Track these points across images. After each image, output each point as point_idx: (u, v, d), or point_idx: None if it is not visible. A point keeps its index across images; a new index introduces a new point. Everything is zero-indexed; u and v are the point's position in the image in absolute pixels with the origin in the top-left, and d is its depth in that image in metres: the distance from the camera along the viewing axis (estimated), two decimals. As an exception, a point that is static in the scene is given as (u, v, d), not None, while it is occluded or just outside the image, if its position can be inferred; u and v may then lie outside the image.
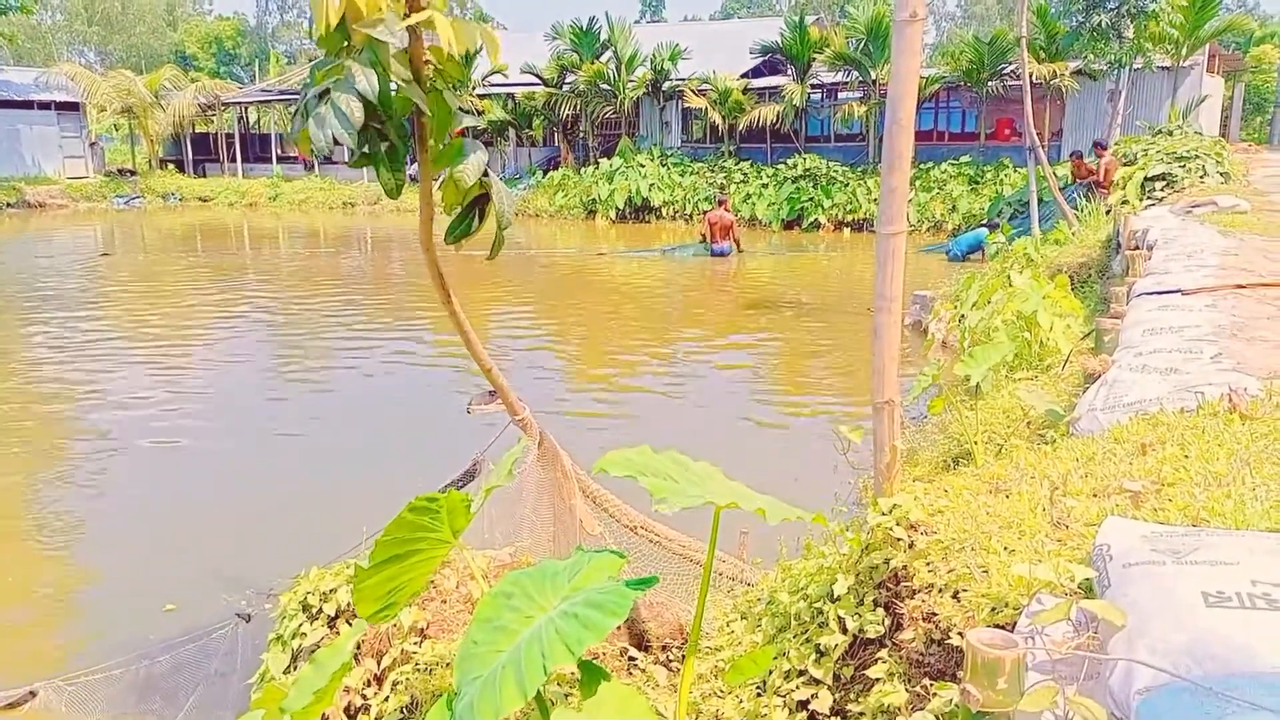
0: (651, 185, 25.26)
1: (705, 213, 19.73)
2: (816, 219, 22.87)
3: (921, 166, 22.55)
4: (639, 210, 25.25)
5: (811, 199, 23.40)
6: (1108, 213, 11.17)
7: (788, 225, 23.24)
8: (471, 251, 3.35)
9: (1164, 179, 12.37)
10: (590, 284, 15.00)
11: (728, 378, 9.09)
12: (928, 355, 8.08)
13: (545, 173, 28.54)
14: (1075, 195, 14.31)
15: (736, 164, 25.59)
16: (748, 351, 10.20)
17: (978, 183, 22.11)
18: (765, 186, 24.29)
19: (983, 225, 17.29)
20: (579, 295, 13.89)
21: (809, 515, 2.54)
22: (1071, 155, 16.43)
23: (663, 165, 26.12)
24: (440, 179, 3.28)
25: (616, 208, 25.23)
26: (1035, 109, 14.04)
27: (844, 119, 25.13)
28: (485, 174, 3.21)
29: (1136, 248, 7.12)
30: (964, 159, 22.86)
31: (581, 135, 29.76)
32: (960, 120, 27.17)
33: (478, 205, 3.44)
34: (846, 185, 23.31)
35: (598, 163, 26.86)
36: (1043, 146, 15.08)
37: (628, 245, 19.95)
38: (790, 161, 24.44)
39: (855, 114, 24.01)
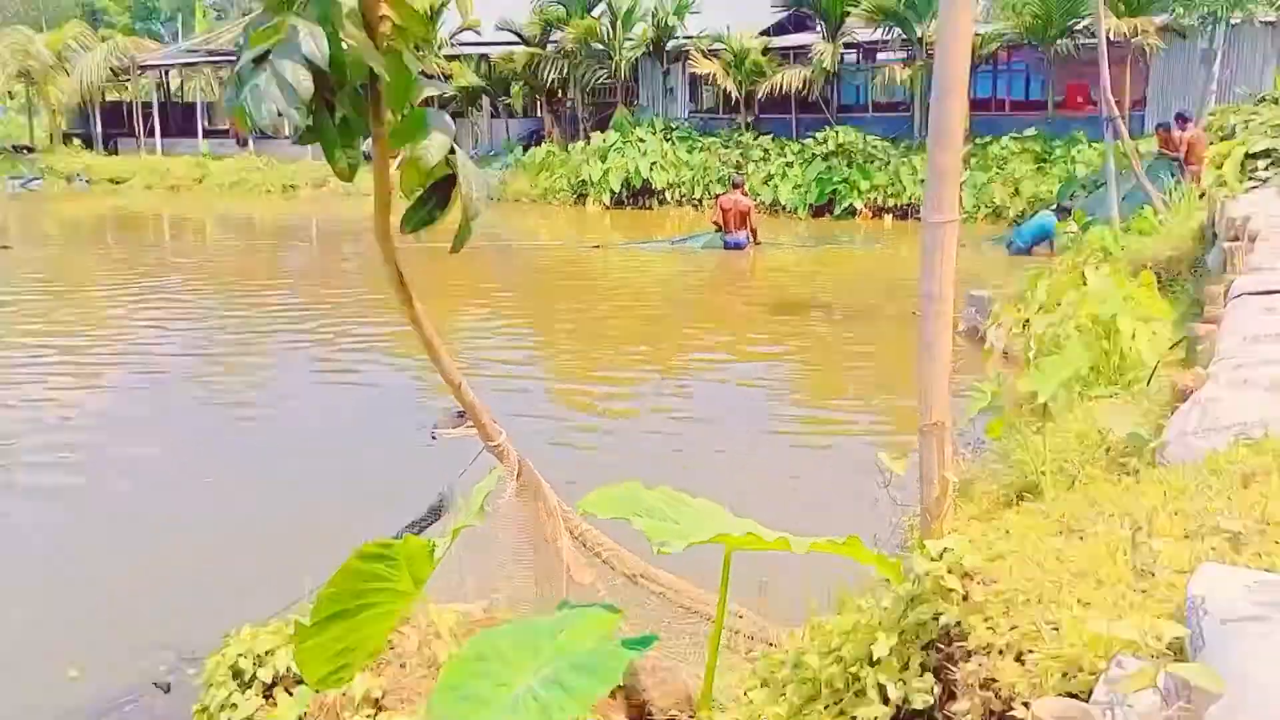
0: (653, 165, 25.51)
1: (718, 197, 19.87)
2: (851, 204, 23.13)
3: (978, 142, 22.77)
4: (638, 194, 25.60)
5: (845, 180, 23.61)
6: (1201, 196, 11.07)
7: (817, 212, 23.48)
8: (437, 244, 3.36)
9: (1269, 156, 12.38)
10: (580, 283, 15.18)
11: (745, 396, 9.19)
12: (985, 368, 8.10)
13: (526, 150, 28.85)
14: (1162, 175, 14.21)
15: (755, 139, 25.83)
16: (769, 365, 10.32)
17: (1045, 161, 22.33)
18: (790, 166, 24.57)
19: (1051, 211, 17.57)
20: (567, 297, 14.01)
21: (840, 542, 2.74)
22: (1158, 128, 16.75)
23: (667, 140, 26.43)
24: (400, 158, 3.32)
25: (611, 191, 25.51)
26: (1114, 72, 13.97)
27: (884, 85, 25.35)
28: (452, 151, 3.23)
29: (1236, 238, 7.19)
30: (1029, 132, 23.02)
31: (569, 105, 30.03)
32: (1024, 86, 27.42)
33: (443, 189, 3.46)
34: (887, 164, 23.57)
35: (589, 138, 27.14)
36: (1123, 117, 14.92)
37: (626, 236, 20.20)
38: (820, 136, 24.62)
39: (898, 79, 24.35)
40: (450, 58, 28.36)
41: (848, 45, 24.99)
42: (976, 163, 22.30)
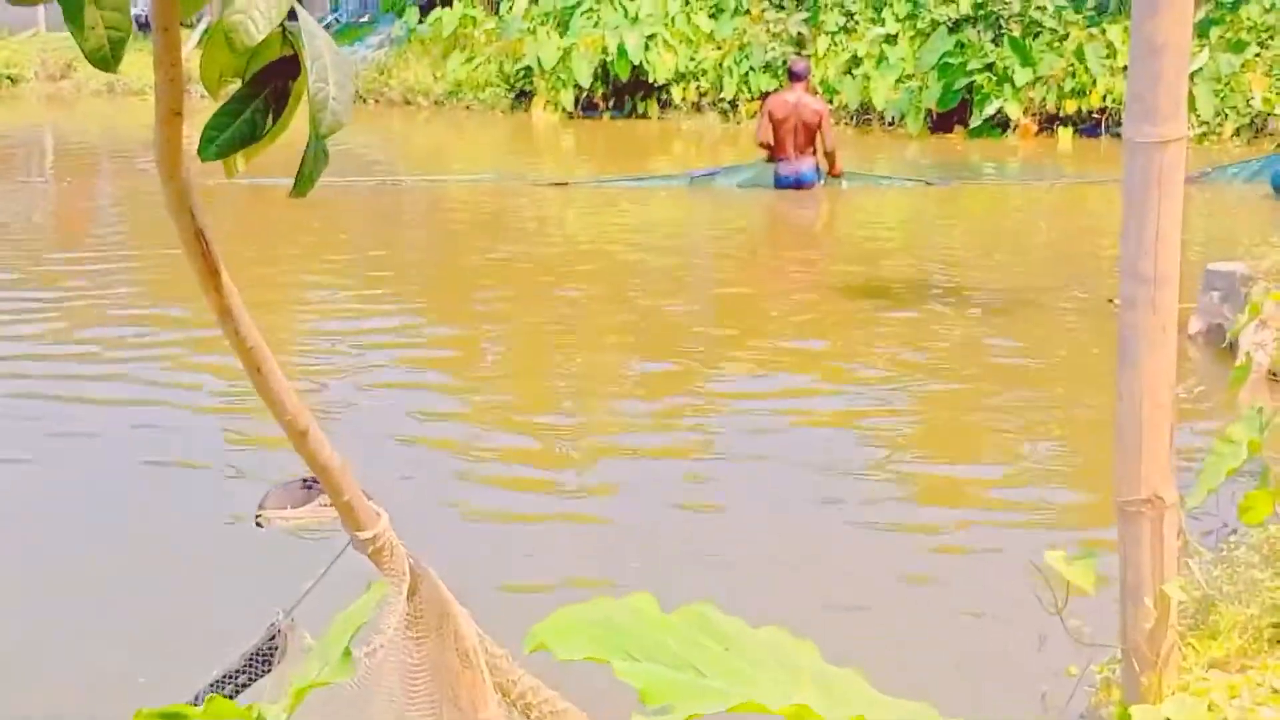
0: (650, 39, 22.07)
1: (765, 98, 17.50)
2: (1001, 109, 20.06)
3: (1220, 1, 20.30)
4: (624, 92, 22.37)
5: (989, 68, 20.36)
6: None
7: (940, 123, 20.54)
8: (270, 180, 2.08)
9: None
10: (526, 249, 13.47)
11: (810, 445, 7.84)
12: (1238, 399, 7.09)
13: (425, 13, 25.52)
14: None
15: None
16: (852, 395, 8.86)
17: None
18: (891, 42, 21.36)
19: None
20: (502, 274, 12.34)
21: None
22: None
23: None
24: (200, 29, 2.27)
25: (578, 87, 22.17)
26: None
27: None
28: (292, 16, 2.64)
29: None
30: None
31: None
32: None
33: (276, 83, 2.83)
34: (1063, 39, 20.46)
35: None
36: None
37: (605, 167, 17.93)
38: None
39: None
40: None
41: None
42: (1219, 38, 19.51)
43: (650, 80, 21.68)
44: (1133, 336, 2.76)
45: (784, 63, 18.89)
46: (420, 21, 24.37)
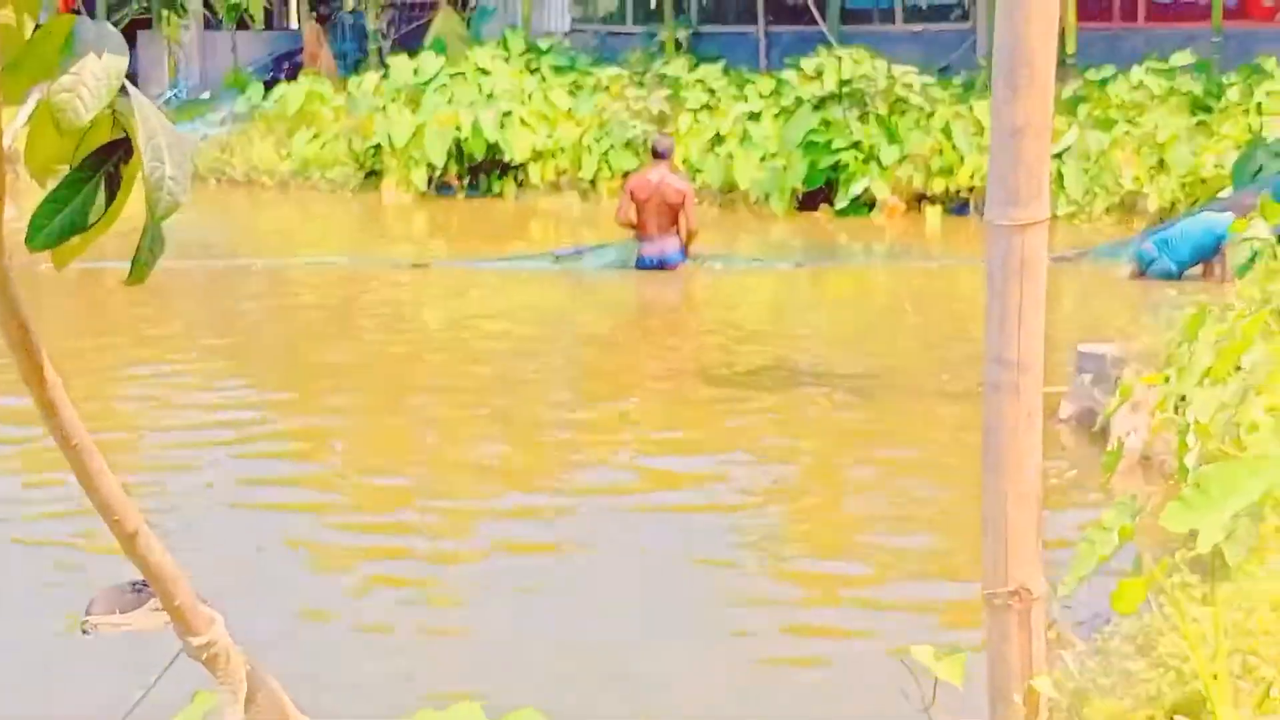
0: (506, 116, 22.08)
1: (626, 177, 17.67)
2: (867, 188, 20.22)
3: (1088, 77, 20.90)
4: (479, 170, 22.34)
5: (855, 146, 20.55)
6: None
7: (806, 202, 20.65)
8: (102, 264, 2.10)
9: None
10: (378, 336, 13.34)
11: (673, 536, 7.88)
12: (1109, 485, 7.27)
13: (269, 88, 25.34)
14: None
15: (692, 69, 23.05)
16: (714, 487, 8.86)
17: (1209, 110, 19.95)
18: (755, 119, 21.50)
19: (1220, 202, 15.91)
20: (351, 363, 12.18)
21: None
22: None
23: (531, 71, 23.39)
24: (25, 107, 2.67)
25: (430, 166, 22.09)
26: None
27: None
28: (125, 93, 2.55)
29: None
30: (1180, 59, 20.79)
31: (351, 8, 27.29)
32: None
33: (106, 165, 2.73)
34: (930, 117, 20.77)
35: (386, 66, 24.05)
36: None
37: (461, 249, 17.96)
38: (809, 64, 21.86)
39: None
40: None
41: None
42: (1087, 115, 19.92)
43: (506, 159, 21.60)
44: (997, 423, 2.78)
45: (645, 141, 18.96)
46: (265, 98, 24.17)
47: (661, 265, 15.17)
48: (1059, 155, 18.89)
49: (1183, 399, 6.59)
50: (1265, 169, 17.13)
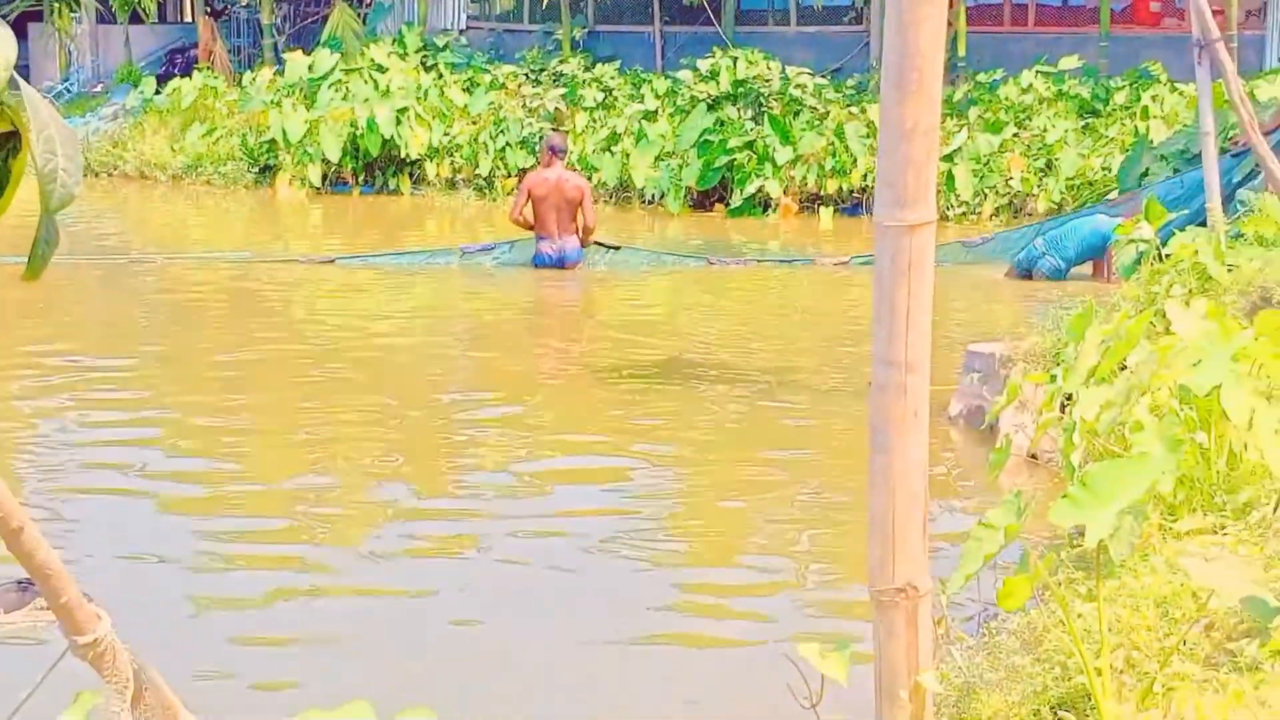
0: (402, 113, 21.87)
1: (523, 175, 17.77)
2: (762, 188, 20.21)
3: (979, 80, 21.17)
4: (374, 167, 22.17)
5: (749, 146, 20.55)
6: None
7: (701, 201, 20.69)
8: None
9: None
10: (274, 335, 13.11)
11: (574, 542, 7.80)
12: (997, 483, 7.35)
13: (162, 83, 24.94)
14: None
15: (588, 67, 23.10)
16: (619, 484, 8.82)
17: (1096, 115, 20.21)
18: (651, 119, 21.50)
19: (1107, 204, 16.19)
20: (247, 359, 12.00)
21: None
22: None
23: (427, 69, 23.25)
24: None
25: (325, 162, 21.86)
26: None
27: None
28: (12, 86, 2.54)
29: None
30: (1068, 63, 21.03)
31: (244, 4, 26.79)
32: None
33: None
34: (824, 118, 20.85)
35: (281, 61, 23.88)
36: (1228, 40, 12.92)
37: (352, 242, 17.77)
38: (705, 65, 22.00)
39: None
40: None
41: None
42: (977, 118, 20.16)
43: (402, 155, 21.41)
44: (884, 422, 2.79)
45: (542, 137, 18.60)
46: (157, 92, 23.85)
47: (561, 263, 15.07)
48: (949, 157, 19.05)
49: (1069, 398, 6.66)
50: (1151, 172, 17.31)
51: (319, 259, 16.05)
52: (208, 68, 24.36)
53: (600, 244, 15.86)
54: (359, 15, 24.06)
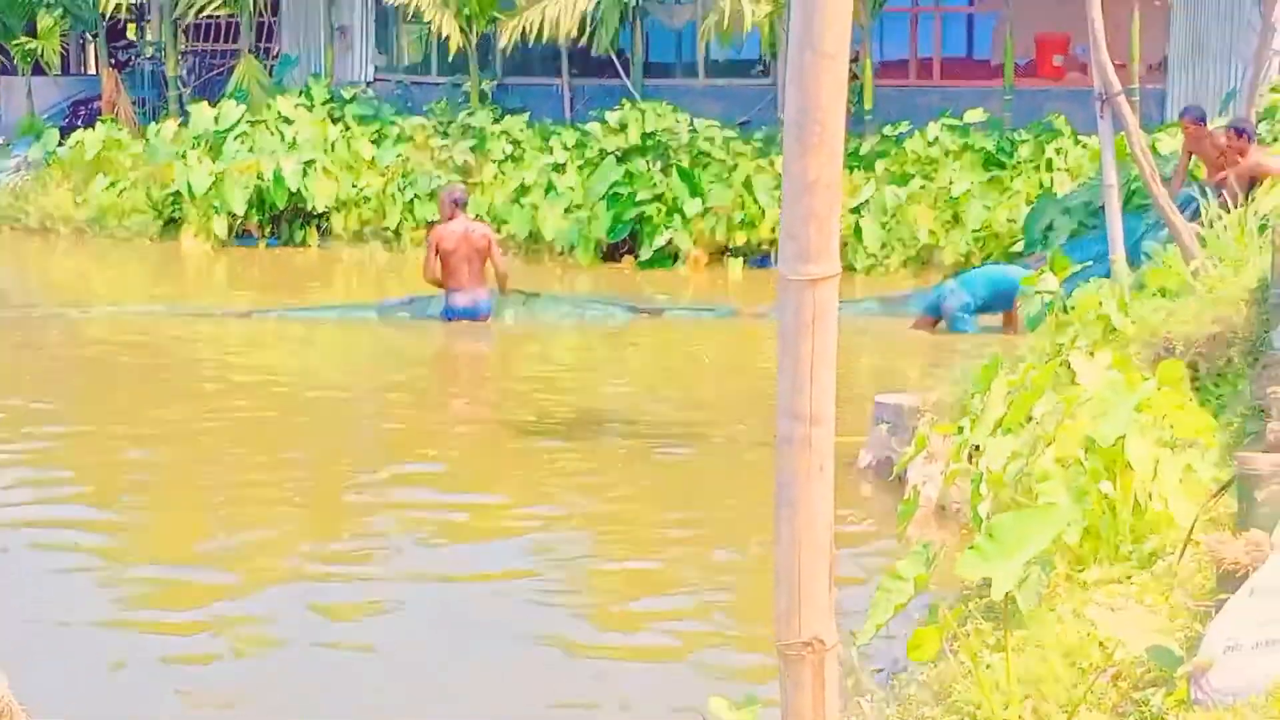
0: (309, 166, 21.73)
1: (430, 230, 17.15)
2: (670, 241, 20.16)
3: (885, 134, 21.17)
4: (281, 219, 21.92)
5: (659, 199, 20.52)
6: (1261, 231, 10.17)
7: (610, 253, 20.57)
8: None
9: None
10: (181, 387, 12.88)
11: (480, 599, 7.75)
12: (904, 532, 7.16)
13: (65, 135, 24.55)
14: (1204, 195, 13.31)
15: (496, 120, 22.85)
16: (526, 539, 8.72)
17: (1001, 166, 20.27)
18: (559, 171, 21.43)
19: (1023, 260, 16.05)
20: (152, 414, 11.66)
21: None
22: (1183, 116, 15.65)
23: (334, 121, 23.00)
24: None
25: (231, 215, 21.61)
26: (1111, 20, 12.31)
27: (724, 30, 22.60)
28: None
29: None
30: (973, 116, 21.10)
31: (149, 53, 26.62)
32: (965, 38, 26.36)
33: None
34: (732, 170, 20.75)
35: (186, 113, 23.60)
36: (1130, 94, 12.81)
37: (262, 296, 17.40)
38: (613, 118, 21.93)
39: (747, 19, 21.37)
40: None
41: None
42: (885, 170, 20.18)
43: (309, 208, 21.21)
44: (790, 476, 2.76)
45: (447, 190, 17.68)
46: (60, 144, 23.48)
47: (474, 314, 14.91)
48: (857, 209, 19.09)
49: (976, 449, 6.70)
50: (1055, 224, 17.35)
51: (237, 312, 15.80)
52: (112, 120, 23.99)
53: (520, 291, 15.66)
54: (265, 67, 23.83)
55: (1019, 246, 17.25)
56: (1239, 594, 3.56)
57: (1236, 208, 11.94)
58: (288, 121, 22.17)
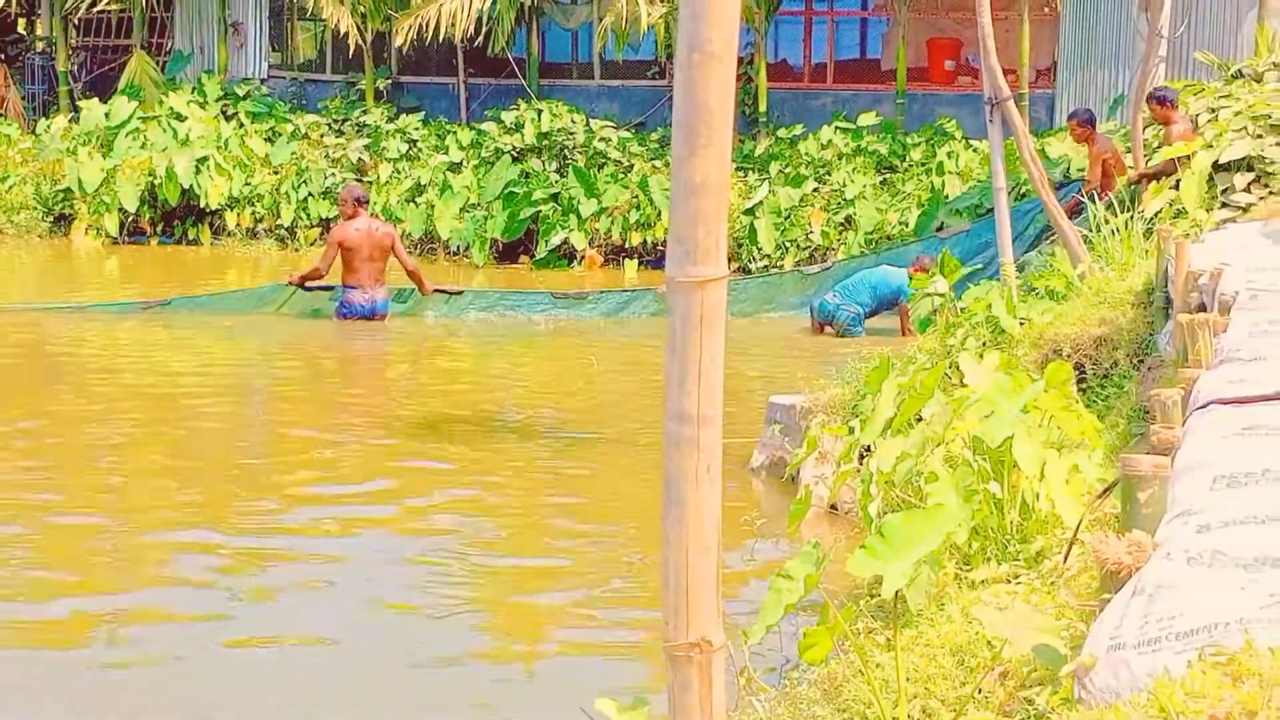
0: (201, 162, 21.53)
1: (326, 225, 17.99)
2: (566, 240, 20.29)
3: (780, 135, 21.30)
4: (173, 216, 21.76)
5: (555, 198, 20.67)
6: (1147, 235, 10.38)
7: (506, 253, 20.64)
8: None
9: (1250, 169, 12.21)
10: (69, 384, 12.69)
11: (367, 597, 7.69)
12: (796, 532, 7.19)
13: None
14: (1085, 197, 13.76)
15: (392, 118, 22.87)
16: (415, 538, 8.71)
17: (893, 169, 20.55)
18: (456, 170, 21.47)
19: (894, 253, 16.43)
20: (39, 411, 11.49)
21: None
22: (1072, 119, 15.84)
23: (228, 118, 22.84)
24: None
25: (123, 210, 21.45)
26: (1001, 26, 12.60)
27: (621, 30, 22.78)
28: None
29: (1201, 307, 6.99)
30: (866, 119, 21.29)
31: (37, 49, 26.28)
32: (858, 42, 26.64)
33: None
34: (628, 170, 20.96)
35: (77, 109, 23.33)
36: (1019, 99, 13.24)
37: (147, 296, 16.80)
38: (510, 117, 21.96)
39: (643, 20, 21.61)
40: None
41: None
42: (779, 173, 20.34)
43: (202, 205, 21.03)
44: (677, 477, 2.76)
45: (345, 188, 17.70)
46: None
47: (372, 313, 14.82)
48: (751, 211, 19.29)
49: (867, 449, 6.73)
50: (945, 225, 17.69)
51: (154, 302, 15.47)
52: (1, 115, 23.71)
53: (442, 290, 15.64)
54: (158, 63, 23.56)
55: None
56: (1122, 594, 3.60)
57: (1136, 204, 12.20)
58: (180, 118, 21.98)
